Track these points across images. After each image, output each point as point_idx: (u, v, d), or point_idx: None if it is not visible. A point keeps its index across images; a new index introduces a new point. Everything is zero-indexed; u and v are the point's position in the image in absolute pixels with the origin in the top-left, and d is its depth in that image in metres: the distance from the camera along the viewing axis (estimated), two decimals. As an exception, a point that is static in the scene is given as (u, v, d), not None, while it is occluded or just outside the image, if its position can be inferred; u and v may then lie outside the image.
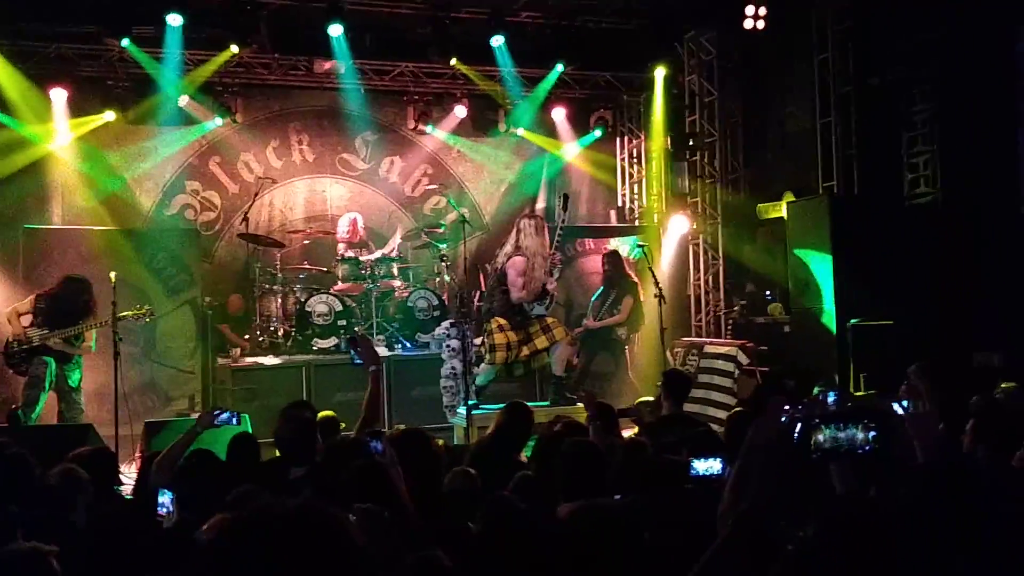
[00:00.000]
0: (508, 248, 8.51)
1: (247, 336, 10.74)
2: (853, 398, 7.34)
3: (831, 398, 4.44)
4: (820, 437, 2.01)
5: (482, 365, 8.66)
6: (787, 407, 3.23)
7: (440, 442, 5.93)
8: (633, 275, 10.85)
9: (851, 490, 2.07)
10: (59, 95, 10.72)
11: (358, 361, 5.51)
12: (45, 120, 10.79)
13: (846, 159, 10.72)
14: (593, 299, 10.69)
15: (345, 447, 4.48)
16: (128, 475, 7.02)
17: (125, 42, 10.47)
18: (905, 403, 4.90)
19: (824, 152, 10.94)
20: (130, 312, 8.68)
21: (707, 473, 3.41)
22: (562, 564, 3.32)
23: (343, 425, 6.28)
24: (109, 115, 11.05)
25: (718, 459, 3.41)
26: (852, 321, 9.42)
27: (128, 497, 5.06)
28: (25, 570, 2.75)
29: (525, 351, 8.48)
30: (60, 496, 4.28)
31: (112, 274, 8.52)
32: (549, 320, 8.57)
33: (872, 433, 1.92)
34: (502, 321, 8.42)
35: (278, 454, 5.05)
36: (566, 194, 9.10)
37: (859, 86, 10.69)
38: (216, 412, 5.13)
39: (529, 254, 8.31)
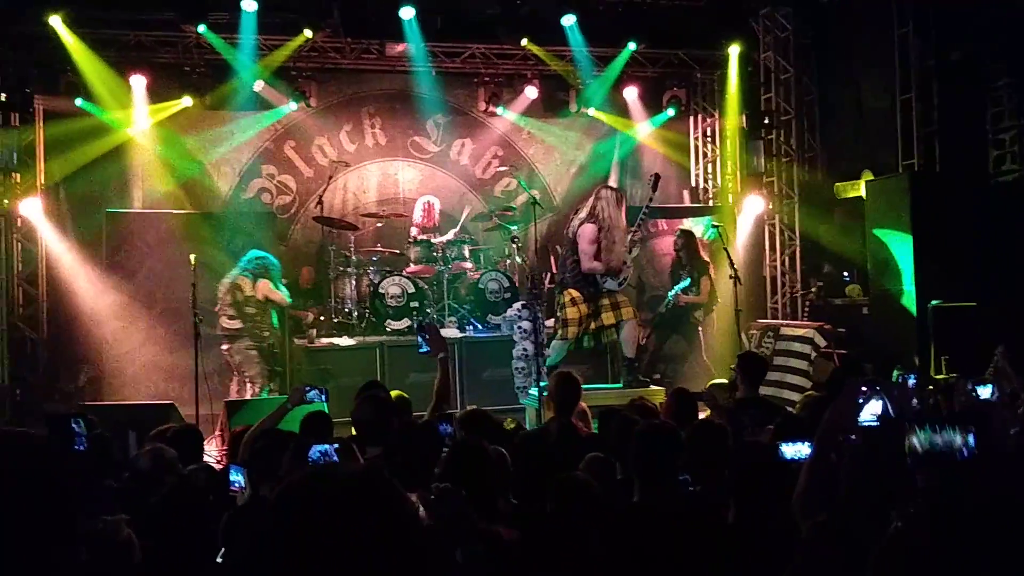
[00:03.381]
0: (583, 214, 8.44)
1: (315, 307, 10.84)
2: (933, 381, 7.18)
3: (911, 381, 4.34)
4: (915, 441, 1.93)
5: (554, 342, 8.63)
6: (864, 389, 3.16)
7: (512, 422, 5.98)
8: (705, 255, 10.72)
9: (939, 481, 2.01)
10: (138, 81, 10.97)
11: (425, 349, 5.54)
12: (125, 106, 11.04)
13: (927, 136, 10.43)
14: (677, 289, 10.50)
15: (418, 429, 4.52)
16: (209, 452, 7.19)
17: (201, 28, 10.65)
18: (990, 386, 4.78)
19: (904, 129, 10.65)
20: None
21: (795, 457, 3.37)
22: (636, 545, 3.31)
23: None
24: (187, 101, 11.26)
25: (806, 443, 3.36)
26: (933, 303, 9.20)
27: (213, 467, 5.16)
28: (104, 541, 2.85)
29: (593, 325, 8.43)
30: (150, 475, 4.39)
31: (192, 257, 8.74)
32: (620, 298, 8.49)
33: (971, 436, 1.84)
34: (575, 294, 8.36)
35: (353, 433, 5.11)
36: (657, 174, 8.98)
37: (940, 60, 10.38)
38: (306, 389, 5.20)
39: (605, 225, 8.23)
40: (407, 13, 10.79)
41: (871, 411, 3.16)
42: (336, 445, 3.82)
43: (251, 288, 9.44)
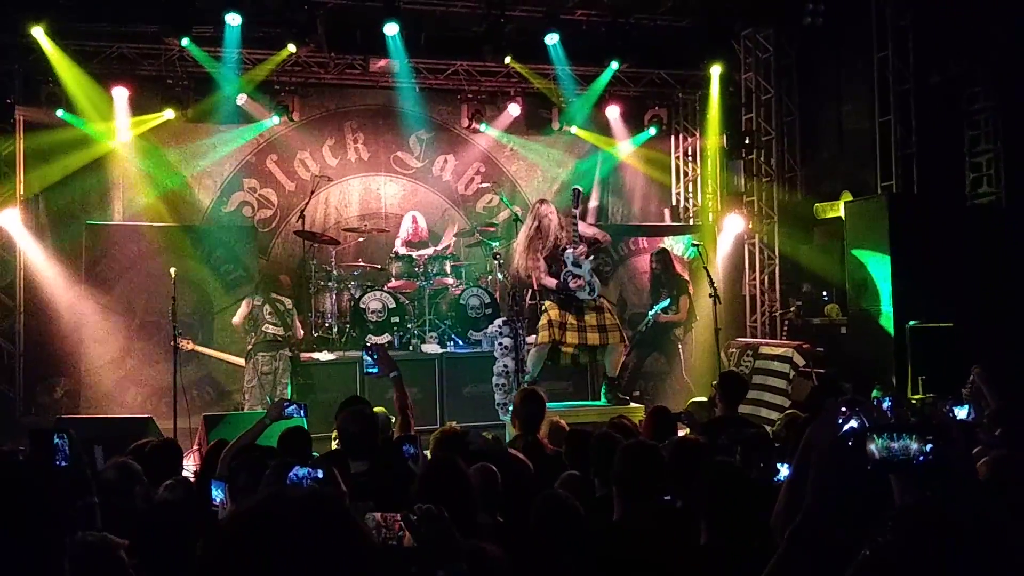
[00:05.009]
0: None
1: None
2: (908, 403, 7.24)
3: (885, 404, 4.38)
4: (872, 447, 1.97)
5: (531, 352, 8.66)
6: (843, 409, 3.19)
7: (489, 435, 5.98)
8: (683, 273, 10.77)
9: (914, 500, 2.03)
10: (121, 94, 10.94)
11: (374, 369, 5.47)
12: (107, 118, 11.00)
13: (905, 158, 10.54)
14: (658, 308, 10.58)
15: (398, 444, 4.52)
16: (187, 467, 7.13)
17: (185, 41, 10.63)
18: (967, 407, 4.83)
19: (883, 151, 10.75)
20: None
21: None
22: (616, 563, 3.32)
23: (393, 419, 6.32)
24: (169, 113, 11.22)
25: (783, 463, 3.38)
26: (911, 323, 9.28)
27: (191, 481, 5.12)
28: (97, 559, 2.83)
29: (574, 339, 8.42)
30: (117, 488, 4.36)
31: (172, 269, 8.72)
32: (608, 321, 8.50)
33: (929, 446, 1.88)
34: (548, 303, 8.51)
35: (333, 447, 5.08)
36: (578, 188, 9.03)
37: (919, 83, 10.50)
38: (284, 404, 5.17)
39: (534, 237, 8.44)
40: (391, 29, 10.81)
41: None
42: (319, 469, 3.81)
43: (291, 304, 9.77)
